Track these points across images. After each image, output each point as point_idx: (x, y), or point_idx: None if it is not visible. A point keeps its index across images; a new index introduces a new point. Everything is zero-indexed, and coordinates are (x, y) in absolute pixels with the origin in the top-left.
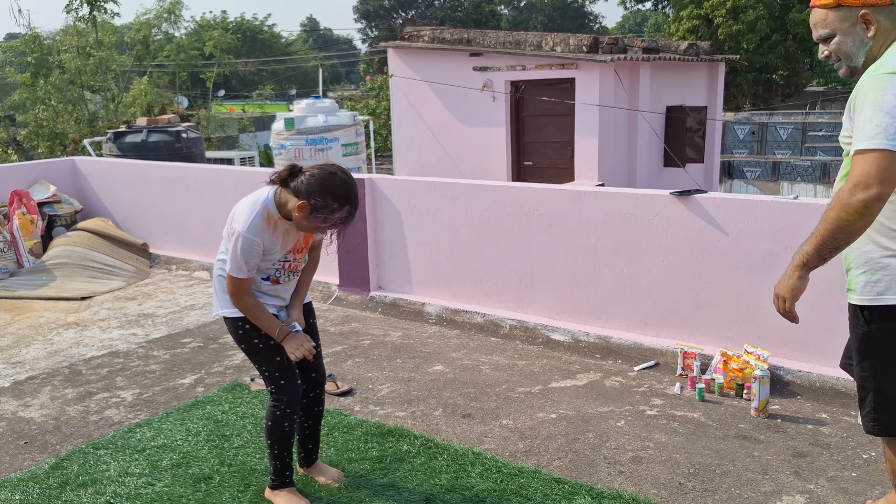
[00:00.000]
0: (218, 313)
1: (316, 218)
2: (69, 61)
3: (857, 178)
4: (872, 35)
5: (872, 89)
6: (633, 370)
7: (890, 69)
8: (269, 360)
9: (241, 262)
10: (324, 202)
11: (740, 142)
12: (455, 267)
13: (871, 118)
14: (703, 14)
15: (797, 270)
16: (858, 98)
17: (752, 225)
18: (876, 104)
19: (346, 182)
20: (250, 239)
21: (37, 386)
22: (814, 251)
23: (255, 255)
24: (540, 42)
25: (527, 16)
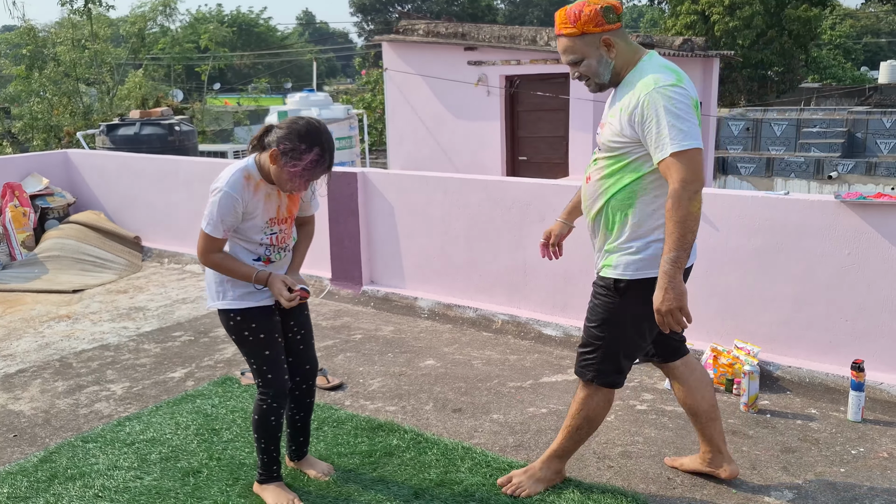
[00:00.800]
0: (211, 305)
1: (287, 164)
2: (64, 54)
3: (684, 175)
4: (614, 55)
5: (662, 100)
6: None
7: (670, 82)
8: (258, 353)
9: (217, 218)
10: (292, 145)
11: (734, 137)
12: (447, 261)
13: (674, 124)
14: (699, 10)
15: (676, 277)
16: (647, 110)
17: (742, 220)
18: (671, 112)
19: (313, 125)
20: (230, 194)
21: (27, 379)
22: (682, 252)
23: (232, 214)
24: (535, 36)
25: (523, 10)
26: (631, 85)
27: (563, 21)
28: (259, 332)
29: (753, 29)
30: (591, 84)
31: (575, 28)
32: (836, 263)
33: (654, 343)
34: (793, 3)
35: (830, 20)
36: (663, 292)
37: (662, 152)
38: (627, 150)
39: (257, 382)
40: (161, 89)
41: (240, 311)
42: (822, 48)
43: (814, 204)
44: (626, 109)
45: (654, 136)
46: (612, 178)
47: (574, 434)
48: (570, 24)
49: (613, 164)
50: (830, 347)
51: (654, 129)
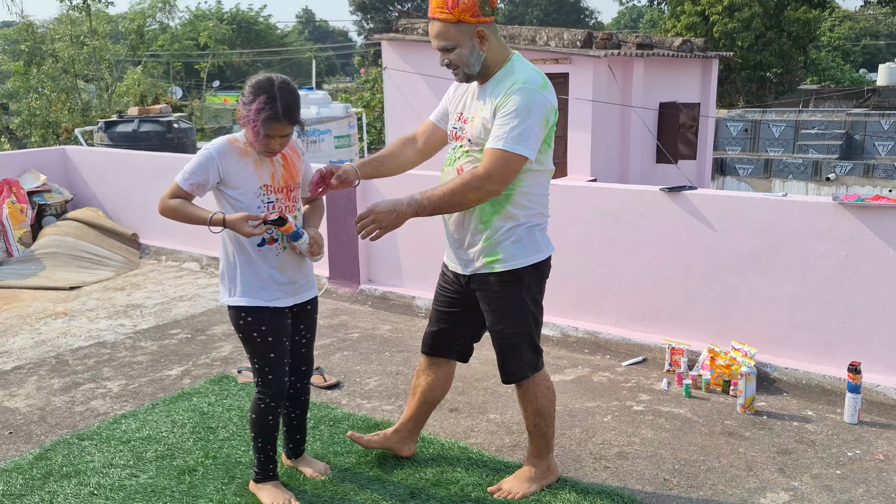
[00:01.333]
0: (223, 301)
1: (246, 116)
2: (63, 50)
3: (492, 171)
4: (486, 48)
5: (525, 100)
6: (621, 365)
7: (538, 85)
8: (262, 353)
9: (189, 171)
10: (246, 98)
11: (733, 139)
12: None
13: (521, 127)
14: (699, 11)
15: (408, 214)
16: (510, 103)
17: (740, 221)
18: (525, 115)
19: (266, 77)
20: (208, 151)
21: (23, 376)
22: (431, 208)
23: (203, 172)
24: (534, 36)
25: (523, 10)
26: (503, 83)
27: (439, 5)
28: (268, 335)
29: (753, 31)
30: (458, 73)
31: (451, 14)
32: (834, 265)
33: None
34: (792, 5)
35: (829, 22)
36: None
37: (497, 142)
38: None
39: (256, 381)
40: (160, 86)
41: (251, 312)
42: (820, 50)
43: (812, 206)
44: (496, 102)
45: (501, 124)
46: None
47: (537, 430)
48: (446, 10)
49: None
50: (827, 349)
51: (506, 119)
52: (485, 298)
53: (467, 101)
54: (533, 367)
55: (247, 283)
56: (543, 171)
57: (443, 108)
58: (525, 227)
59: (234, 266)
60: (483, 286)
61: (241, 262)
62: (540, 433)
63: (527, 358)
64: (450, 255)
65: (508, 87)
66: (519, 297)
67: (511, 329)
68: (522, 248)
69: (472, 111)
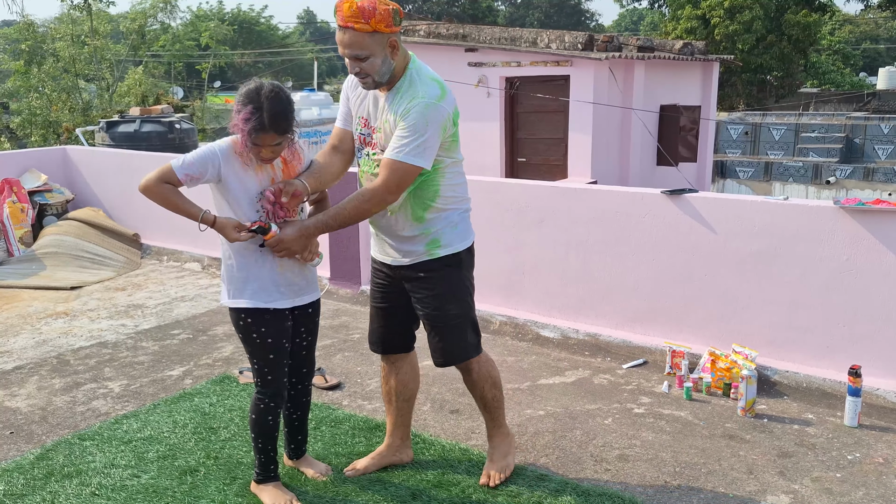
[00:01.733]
0: (224, 302)
1: (236, 125)
2: (63, 49)
3: (389, 183)
4: (396, 57)
5: (423, 116)
6: (621, 368)
7: (437, 96)
8: (262, 354)
9: (188, 158)
10: (236, 106)
11: (733, 141)
12: None
13: (418, 140)
14: (700, 14)
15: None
16: (411, 115)
17: (741, 224)
18: (422, 128)
19: (254, 85)
20: (213, 149)
21: (24, 376)
22: (336, 225)
23: (201, 164)
24: (535, 38)
25: (523, 12)
26: (404, 94)
27: (354, 15)
28: (267, 337)
29: (753, 33)
30: (368, 82)
31: (368, 25)
32: (835, 269)
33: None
34: (793, 9)
35: (830, 26)
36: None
37: (396, 153)
38: None
39: (256, 382)
40: (161, 86)
41: (251, 313)
42: (821, 53)
43: (813, 209)
44: (398, 113)
45: (401, 136)
46: None
47: (495, 402)
48: (362, 20)
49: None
50: (828, 352)
51: (406, 132)
52: (425, 285)
53: (369, 107)
54: (476, 348)
55: (246, 284)
56: (459, 163)
57: (346, 111)
58: (458, 213)
59: (233, 267)
60: (424, 272)
61: (241, 263)
62: (497, 404)
63: (471, 339)
64: (382, 249)
65: (409, 101)
66: (459, 279)
67: (454, 311)
68: (459, 234)
69: (379, 120)
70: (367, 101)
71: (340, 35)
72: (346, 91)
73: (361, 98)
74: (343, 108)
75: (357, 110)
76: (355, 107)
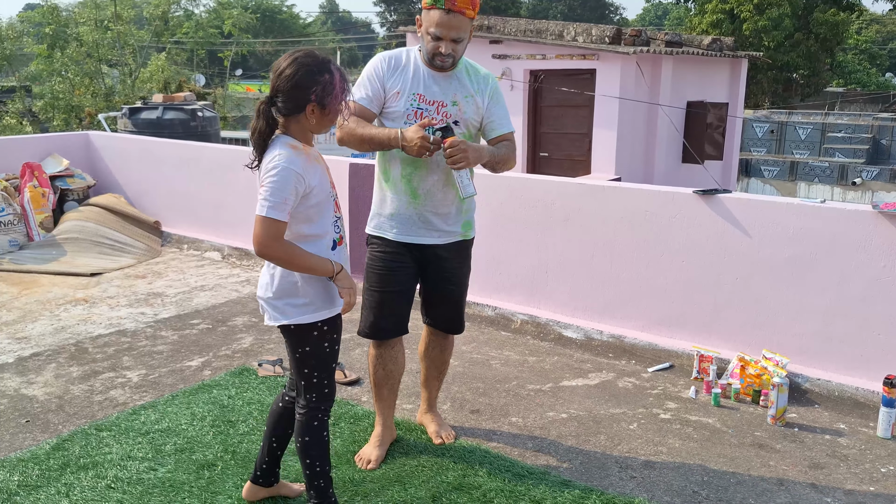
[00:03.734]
0: (296, 320)
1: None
2: (87, 34)
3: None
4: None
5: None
6: (647, 371)
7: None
8: (327, 365)
9: (279, 197)
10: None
11: (758, 140)
12: None
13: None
14: (727, 8)
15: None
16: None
17: (776, 228)
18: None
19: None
20: (289, 168)
21: (41, 363)
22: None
23: (294, 192)
24: (562, 31)
25: (547, 5)
26: (473, 74)
27: (467, 2)
28: (336, 343)
29: (782, 30)
30: (449, 62)
31: (473, 12)
32: (872, 276)
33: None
34: (821, 7)
35: (856, 25)
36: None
37: (510, 126)
38: (479, 125)
39: (310, 397)
40: (183, 73)
41: (328, 322)
42: (847, 52)
43: (851, 214)
44: (486, 91)
45: (500, 113)
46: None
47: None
48: (470, 7)
49: (470, 137)
50: (862, 361)
51: (503, 108)
52: (453, 264)
53: (426, 84)
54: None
55: (320, 293)
56: None
57: (376, 92)
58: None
59: (298, 278)
60: (454, 252)
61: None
62: (445, 373)
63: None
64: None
65: (485, 79)
66: (470, 261)
67: (466, 288)
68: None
69: (449, 96)
70: (419, 79)
71: (448, 18)
72: (379, 71)
73: (409, 77)
74: (372, 88)
75: (406, 89)
76: (400, 85)
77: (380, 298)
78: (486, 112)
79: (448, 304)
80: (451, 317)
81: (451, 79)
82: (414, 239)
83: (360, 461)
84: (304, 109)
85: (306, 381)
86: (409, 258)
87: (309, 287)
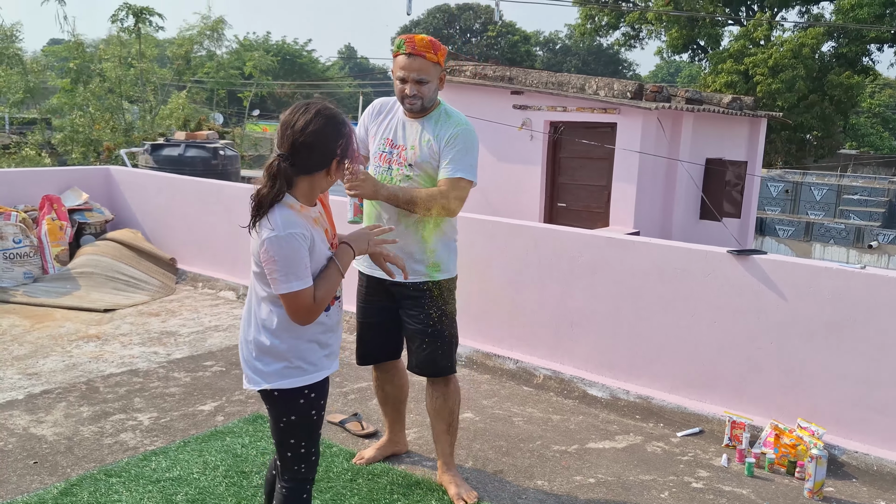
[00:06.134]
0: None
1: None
2: (110, 70)
3: (457, 195)
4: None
5: (470, 138)
6: (676, 436)
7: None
8: (314, 435)
9: (294, 266)
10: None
11: (773, 199)
12: (487, 307)
13: (469, 159)
14: (742, 69)
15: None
16: (460, 139)
17: (813, 291)
18: (472, 150)
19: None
20: (291, 234)
21: (51, 401)
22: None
23: (306, 256)
24: (583, 85)
25: (561, 58)
26: (443, 122)
27: (426, 46)
28: (322, 409)
29: (795, 92)
30: (417, 104)
31: (436, 56)
32: None
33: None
34: (836, 70)
35: (870, 88)
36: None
37: (454, 171)
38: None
39: (298, 468)
40: (202, 111)
41: (315, 387)
42: (859, 115)
43: (892, 280)
44: (444, 137)
45: (456, 157)
46: None
47: (455, 424)
48: (432, 51)
49: (430, 180)
50: None
51: (458, 153)
52: (422, 303)
53: (396, 129)
54: (455, 364)
55: (307, 353)
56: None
57: (361, 136)
58: (453, 243)
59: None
60: (421, 292)
61: (297, 329)
62: (456, 427)
63: (454, 356)
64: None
65: (454, 126)
66: (452, 301)
67: (446, 329)
68: (453, 262)
69: (410, 139)
70: (392, 125)
71: (409, 61)
72: (365, 117)
73: (385, 123)
74: (360, 133)
75: (379, 133)
76: (375, 131)
77: (358, 328)
78: (441, 156)
79: (416, 343)
80: (421, 358)
81: (422, 124)
82: (379, 274)
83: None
84: (329, 165)
85: (293, 453)
86: (382, 293)
87: (295, 347)
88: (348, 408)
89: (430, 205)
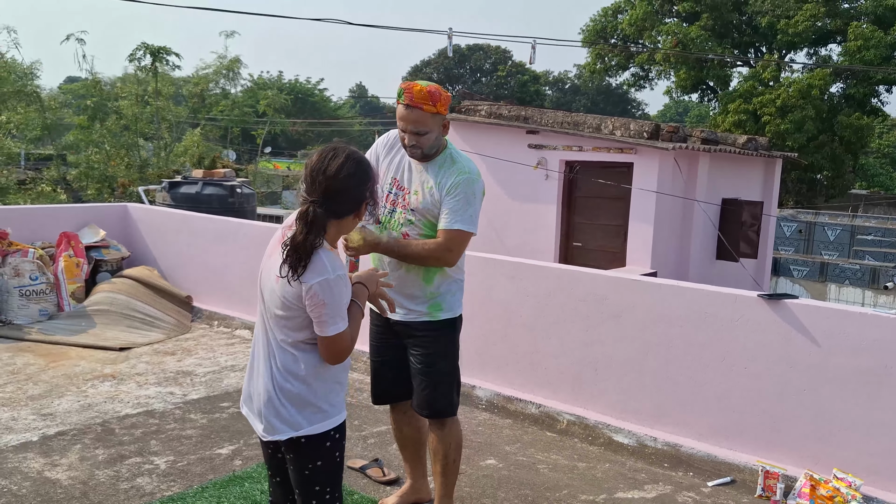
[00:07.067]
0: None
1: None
2: (127, 108)
3: (453, 247)
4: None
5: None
6: (706, 485)
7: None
8: (337, 479)
9: (340, 308)
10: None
11: (787, 239)
12: (509, 350)
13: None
14: (751, 109)
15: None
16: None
17: (847, 338)
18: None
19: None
20: (340, 276)
21: (66, 443)
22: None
23: (349, 295)
24: (599, 125)
25: (570, 97)
26: (448, 168)
27: (423, 98)
28: (344, 450)
29: (804, 133)
30: (417, 153)
31: (434, 107)
32: None
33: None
34: (845, 111)
35: (879, 129)
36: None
37: (452, 222)
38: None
39: None
40: (216, 149)
41: (339, 428)
42: (868, 156)
43: None
44: (446, 186)
45: (455, 207)
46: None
47: (454, 466)
48: (430, 103)
49: (431, 226)
50: None
51: (459, 203)
52: (423, 343)
53: (404, 171)
54: (456, 407)
55: (331, 395)
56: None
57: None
58: (459, 282)
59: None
60: (423, 332)
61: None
62: (455, 469)
63: (454, 398)
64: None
65: (456, 175)
66: (452, 341)
67: (445, 369)
68: (458, 300)
69: (414, 184)
70: (401, 166)
71: (407, 112)
72: (376, 151)
73: (396, 162)
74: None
75: (389, 171)
76: (385, 167)
77: (371, 367)
78: (441, 204)
79: (417, 382)
80: (420, 399)
81: (428, 168)
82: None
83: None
84: (359, 209)
85: (318, 501)
86: (391, 332)
87: (322, 390)
88: (368, 452)
89: (425, 259)
